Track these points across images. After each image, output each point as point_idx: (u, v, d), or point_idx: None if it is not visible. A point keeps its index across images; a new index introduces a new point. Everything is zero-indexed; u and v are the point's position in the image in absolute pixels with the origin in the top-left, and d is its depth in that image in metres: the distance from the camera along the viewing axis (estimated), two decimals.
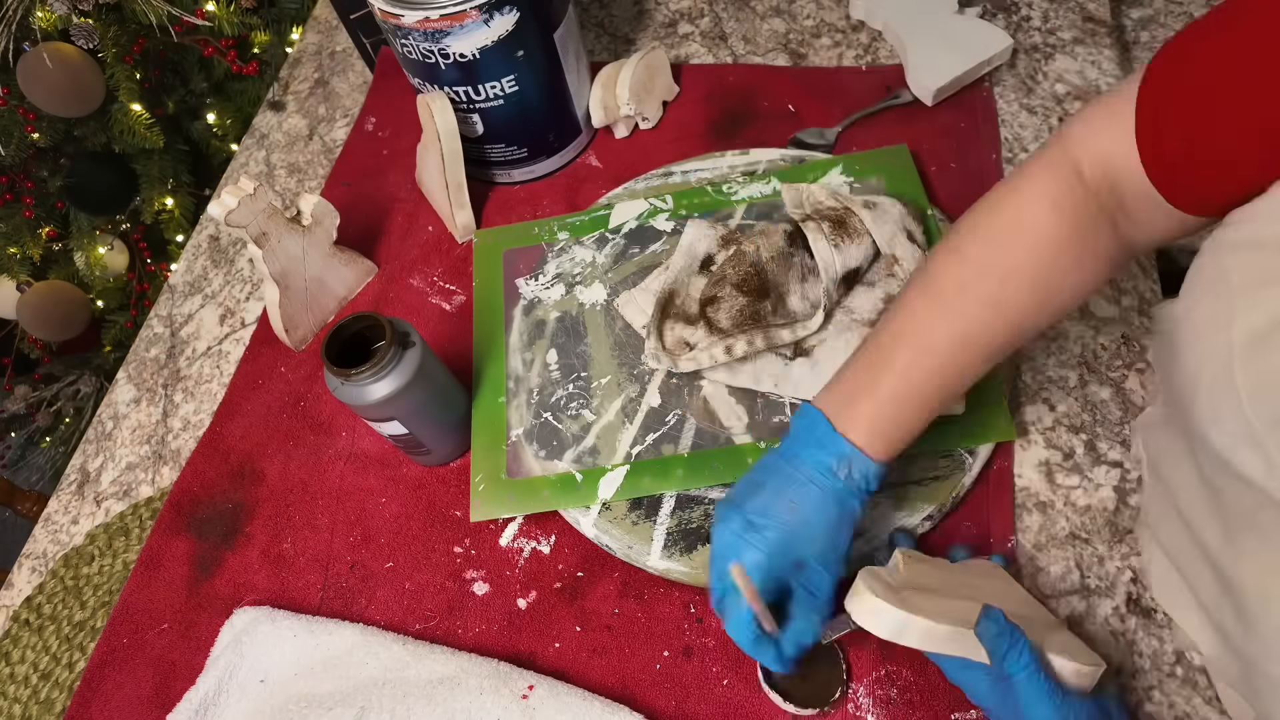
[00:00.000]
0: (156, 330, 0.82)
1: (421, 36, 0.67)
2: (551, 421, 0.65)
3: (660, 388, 0.65)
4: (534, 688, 0.53)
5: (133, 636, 0.63)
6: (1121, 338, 0.64)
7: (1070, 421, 0.61)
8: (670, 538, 0.58)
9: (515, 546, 0.62)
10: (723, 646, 0.55)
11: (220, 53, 1.09)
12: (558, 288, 0.72)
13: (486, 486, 0.63)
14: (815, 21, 0.89)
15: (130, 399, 0.77)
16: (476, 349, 0.69)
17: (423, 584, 0.61)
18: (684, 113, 0.84)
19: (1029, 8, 0.85)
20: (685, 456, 0.61)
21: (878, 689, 0.52)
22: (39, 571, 0.70)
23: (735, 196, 0.73)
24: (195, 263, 0.86)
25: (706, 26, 0.91)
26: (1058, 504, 0.58)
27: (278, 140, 0.94)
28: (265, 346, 0.76)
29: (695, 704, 0.54)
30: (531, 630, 0.58)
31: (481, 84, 0.71)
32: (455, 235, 0.78)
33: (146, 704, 0.60)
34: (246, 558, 0.65)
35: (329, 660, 0.57)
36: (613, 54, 0.91)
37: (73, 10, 1.02)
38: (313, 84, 0.98)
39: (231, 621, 0.61)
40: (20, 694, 0.63)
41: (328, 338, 0.55)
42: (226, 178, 0.92)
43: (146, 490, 0.72)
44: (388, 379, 0.55)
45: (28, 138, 1.13)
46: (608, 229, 0.74)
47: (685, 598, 0.58)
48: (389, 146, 0.88)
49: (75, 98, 1.07)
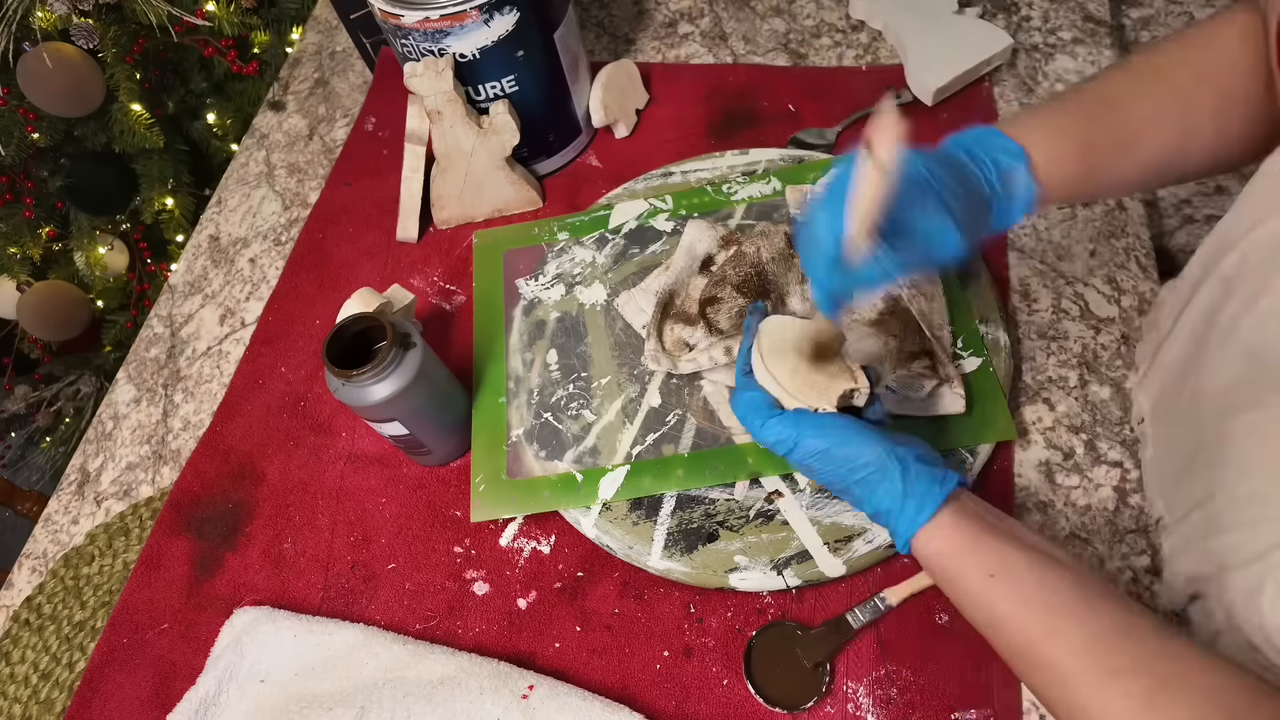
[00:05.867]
0: (156, 330, 0.82)
1: (421, 36, 0.67)
2: (552, 422, 0.65)
3: (660, 388, 0.65)
4: (534, 688, 0.53)
5: (133, 636, 0.63)
6: (1121, 338, 0.64)
7: (1070, 421, 0.61)
8: (670, 538, 0.58)
9: (515, 546, 0.62)
10: (722, 646, 0.55)
11: (220, 53, 1.09)
12: (558, 288, 0.72)
13: (487, 487, 0.63)
14: (815, 21, 0.89)
15: (130, 399, 0.77)
16: (477, 349, 0.69)
17: (423, 584, 0.61)
18: (684, 113, 0.84)
19: (1029, 8, 0.85)
20: (685, 456, 0.61)
21: (877, 689, 0.53)
22: (39, 571, 0.70)
23: (735, 196, 0.73)
24: (195, 263, 0.86)
25: (706, 26, 0.91)
26: (1058, 504, 0.58)
27: (278, 140, 0.94)
28: (265, 346, 0.76)
29: (695, 704, 0.54)
30: (531, 630, 0.58)
31: (481, 84, 0.71)
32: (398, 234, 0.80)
33: (146, 704, 0.60)
34: (247, 558, 0.65)
35: (329, 660, 0.57)
36: (613, 54, 0.91)
37: (73, 10, 1.02)
38: (313, 84, 0.98)
39: (232, 621, 0.61)
40: (20, 694, 0.63)
41: (328, 339, 0.55)
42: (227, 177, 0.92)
43: (146, 490, 0.72)
44: (389, 380, 0.55)
45: (28, 138, 1.13)
46: (608, 229, 0.74)
47: (685, 598, 0.58)
48: (389, 146, 0.88)
49: (75, 98, 1.07)
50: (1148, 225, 0.70)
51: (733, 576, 0.56)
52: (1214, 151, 0.48)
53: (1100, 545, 0.56)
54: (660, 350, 0.63)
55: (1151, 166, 0.48)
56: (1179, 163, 0.49)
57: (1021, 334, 0.66)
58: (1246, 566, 0.40)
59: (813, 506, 0.57)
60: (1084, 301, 0.66)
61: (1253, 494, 0.40)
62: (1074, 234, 0.70)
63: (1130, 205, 0.71)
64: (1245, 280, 0.42)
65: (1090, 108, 0.48)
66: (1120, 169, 0.48)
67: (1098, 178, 0.47)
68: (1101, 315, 0.66)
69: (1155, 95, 0.48)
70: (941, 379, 0.59)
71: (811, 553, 0.56)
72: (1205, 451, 0.45)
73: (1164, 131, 0.47)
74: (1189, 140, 0.48)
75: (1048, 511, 0.58)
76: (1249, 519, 0.40)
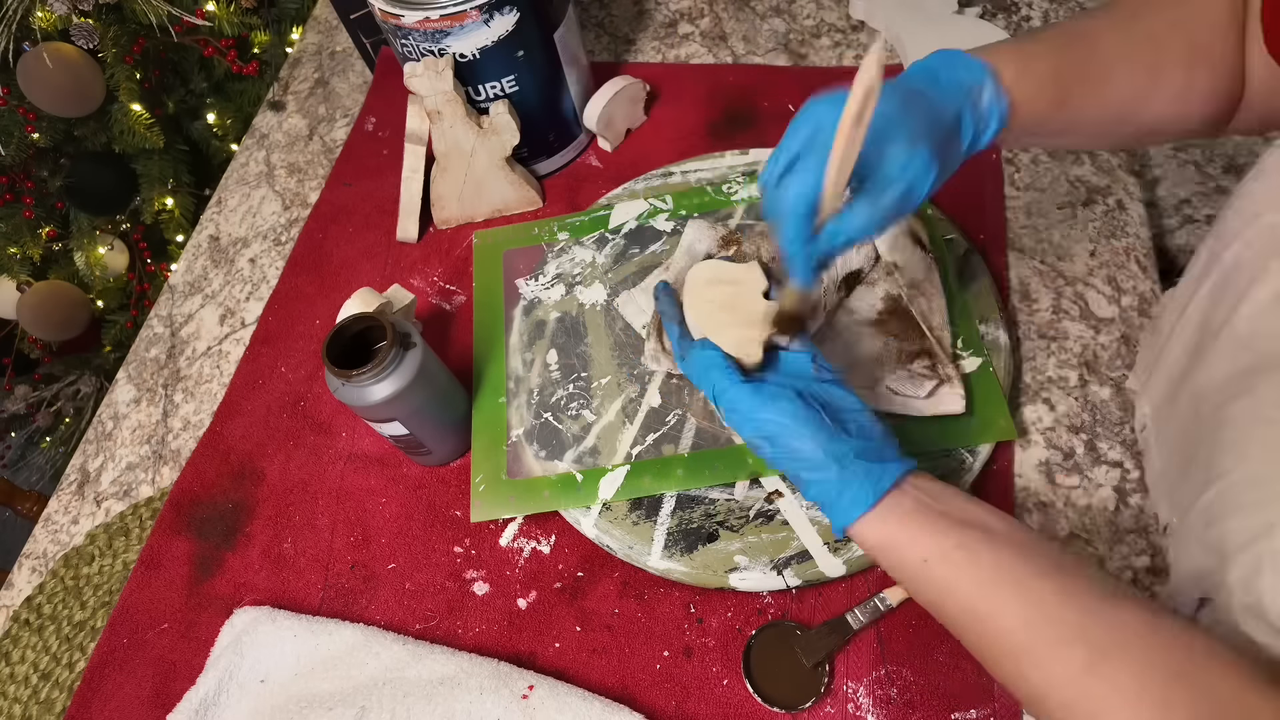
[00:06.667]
0: (156, 330, 0.82)
1: (421, 36, 0.67)
2: (552, 422, 0.65)
3: (660, 388, 0.65)
4: (534, 688, 0.53)
5: (133, 636, 0.63)
6: (1121, 338, 0.64)
7: (1070, 421, 0.61)
8: (671, 538, 0.58)
9: (515, 546, 0.62)
10: (722, 646, 0.55)
11: (220, 53, 1.09)
12: (558, 288, 0.72)
13: (487, 487, 0.63)
14: (815, 21, 0.89)
15: (130, 399, 0.77)
16: (477, 349, 0.69)
17: (423, 584, 0.61)
18: (684, 113, 0.84)
19: (1029, 8, 0.85)
20: (685, 456, 0.61)
21: (877, 689, 0.53)
22: (39, 571, 0.70)
23: (735, 196, 0.73)
24: (195, 263, 0.86)
25: (706, 26, 0.91)
26: (1058, 504, 0.58)
27: (278, 140, 0.94)
28: (265, 346, 0.76)
29: (695, 704, 0.54)
30: (531, 630, 0.58)
31: (481, 84, 0.71)
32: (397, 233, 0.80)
33: (146, 704, 0.60)
34: (247, 558, 0.65)
35: (329, 660, 0.57)
36: (613, 54, 0.91)
37: (73, 10, 1.02)
38: (313, 84, 0.98)
39: (231, 621, 0.61)
40: (20, 694, 0.63)
41: (328, 339, 0.55)
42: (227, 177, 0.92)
43: (146, 490, 0.72)
44: (389, 380, 0.55)
45: (28, 138, 1.13)
46: (608, 229, 0.74)
47: (685, 598, 0.58)
48: (389, 146, 0.88)
49: (75, 98, 1.07)
50: (1148, 225, 0.70)
51: (733, 576, 0.56)
52: (1180, 102, 0.49)
53: (1100, 545, 0.56)
54: (660, 350, 0.63)
55: (1118, 105, 0.48)
56: (1144, 108, 0.49)
57: (1021, 334, 0.66)
58: (1245, 550, 0.40)
59: (813, 506, 0.57)
60: (1084, 301, 0.66)
61: (1249, 478, 0.40)
62: (1074, 234, 0.70)
63: (1130, 205, 0.71)
64: (1241, 271, 0.43)
65: (1063, 38, 0.48)
66: (1089, 102, 0.48)
67: (1068, 107, 0.47)
68: (1101, 315, 0.66)
69: (1129, 34, 0.48)
70: (941, 379, 0.59)
71: (811, 553, 0.56)
72: (1205, 446, 0.45)
73: (1134, 70, 0.48)
74: (1157, 84, 0.48)
75: (1048, 511, 0.58)
76: (1247, 503, 0.40)
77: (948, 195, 0.72)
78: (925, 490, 0.44)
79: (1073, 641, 0.37)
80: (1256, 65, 0.48)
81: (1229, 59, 0.48)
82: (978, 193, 0.73)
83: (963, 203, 0.72)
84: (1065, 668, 0.36)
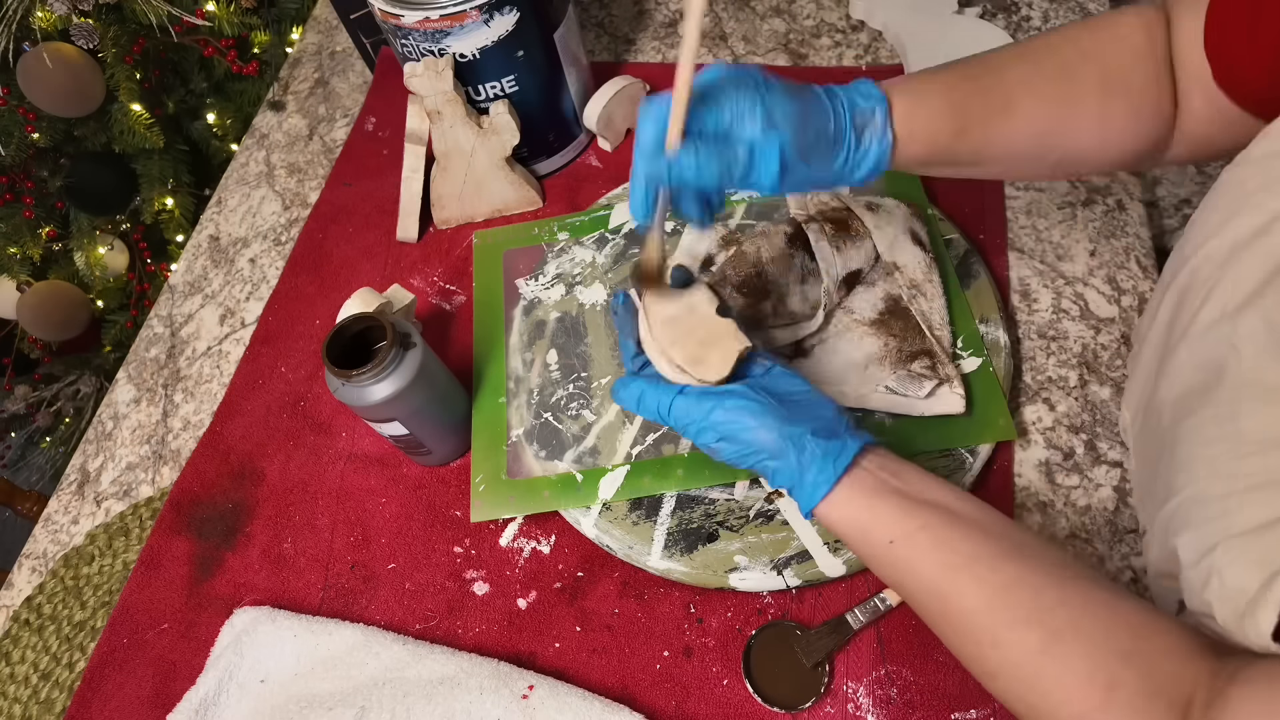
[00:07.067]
0: (156, 330, 0.82)
1: (421, 36, 0.67)
2: (552, 422, 0.65)
3: None
4: (534, 688, 0.53)
5: (133, 636, 0.63)
6: (1121, 338, 0.64)
7: (1070, 421, 0.61)
8: (670, 538, 0.58)
9: (515, 546, 0.62)
10: (722, 646, 0.56)
11: (220, 53, 1.09)
12: (558, 288, 0.72)
13: (487, 487, 0.63)
14: (815, 21, 0.89)
15: (130, 399, 0.77)
16: (476, 349, 0.69)
17: (423, 584, 0.61)
18: None
19: (1029, 8, 0.85)
20: (685, 456, 0.61)
21: (877, 689, 0.53)
22: (39, 571, 0.70)
23: (735, 196, 0.73)
24: (195, 263, 0.86)
25: (706, 26, 0.91)
26: (1058, 504, 0.58)
27: (278, 140, 0.94)
28: (265, 346, 0.76)
29: (695, 704, 0.54)
30: (531, 630, 0.58)
31: (481, 84, 0.71)
32: (398, 233, 0.80)
33: (146, 704, 0.60)
34: (247, 558, 0.65)
35: (329, 660, 0.57)
36: (613, 54, 0.91)
37: (73, 10, 1.02)
38: (313, 84, 0.98)
39: (231, 621, 0.61)
40: (20, 694, 0.63)
41: (328, 339, 0.55)
42: (227, 177, 0.92)
43: (146, 490, 0.72)
44: (389, 380, 0.55)
45: (28, 138, 1.13)
46: (608, 229, 0.74)
47: (685, 598, 0.58)
48: (389, 146, 0.88)
49: (75, 98, 1.07)
50: (1148, 225, 0.70)
51: (733, 576, 0.56)
52: (1099, 132, 0.49)
53: (1100, 545, 0.56)
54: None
55: (1031, 135, 0.49)
56: (1061, 138, 0.49)
57: (1021, 334, 0.66)
58: (1195, 566, 0.41)
59: None
60: (1084, 301, 0.67)
61: (1196, 496, 0.41)
62: (1074, 234, 0.70)
63: (1130, 205, 0.71)
64: (1194, 292, 0.43)
65: (967, 70, 0.49)
66: (995, 132, 0.48)
67: (969, 138, 0.48)
68: (1101, 315, 0.66)
69: (1036, 63, 0.49)
70: (941, 379, 0.59)
71: (811, 553, 0.56)
72: (1164, 459, 0.46)
73: (1043, 100, 0.48)
74: (1072, 113, 0.48)
75: (1048, 511, 0.58)
76: (1195, 520, 0.41)
77: (947, 196, 0.72)
78: (887, 469, 0.44)
79: (1029, 623, 0.37)
80: (1193, 97, 0.47)
81: (1149, 89, 0.47)
82: (978, 193, 0.73)
83: (963, 203, 0.72)
84: (1021, 649, 0.37)
